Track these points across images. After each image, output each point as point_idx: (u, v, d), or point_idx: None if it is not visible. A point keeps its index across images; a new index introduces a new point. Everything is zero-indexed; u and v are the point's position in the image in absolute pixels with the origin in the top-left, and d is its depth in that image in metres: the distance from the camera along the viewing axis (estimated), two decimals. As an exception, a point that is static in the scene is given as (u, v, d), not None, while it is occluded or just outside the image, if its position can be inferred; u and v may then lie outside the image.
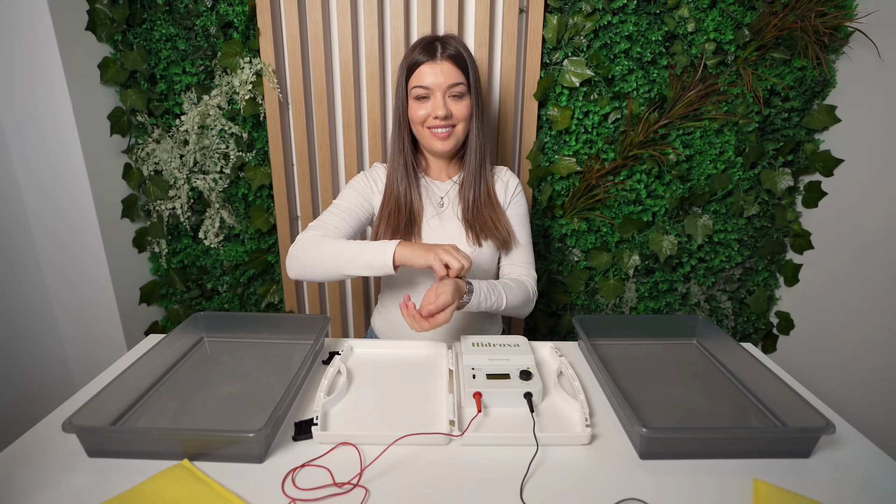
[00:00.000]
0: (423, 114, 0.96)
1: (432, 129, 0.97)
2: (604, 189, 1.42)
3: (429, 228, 1.02)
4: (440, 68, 0.93)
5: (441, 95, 0.94)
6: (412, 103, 0.97)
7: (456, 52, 0.94)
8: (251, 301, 1.60)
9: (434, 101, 0.95)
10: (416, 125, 0.98)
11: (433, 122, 0.96)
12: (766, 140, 1.40)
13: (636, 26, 1.29)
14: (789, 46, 1.31)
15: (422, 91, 0.95)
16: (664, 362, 0.91)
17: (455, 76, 0.94)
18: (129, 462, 0.65)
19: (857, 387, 1.30)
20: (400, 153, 1.01)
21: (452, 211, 1.05)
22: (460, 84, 0.95)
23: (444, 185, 1.07)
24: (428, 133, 0.98)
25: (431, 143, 0.98)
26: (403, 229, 0.99)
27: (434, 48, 0.94)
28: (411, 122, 0.99)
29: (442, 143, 0.98)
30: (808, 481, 0.63)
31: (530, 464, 0.65)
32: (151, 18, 1.33)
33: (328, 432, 0.68)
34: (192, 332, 0.95)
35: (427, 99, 0.95)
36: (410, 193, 1.01)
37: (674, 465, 0.65)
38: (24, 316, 1.36)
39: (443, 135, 0.97)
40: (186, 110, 1.39)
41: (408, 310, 0.80)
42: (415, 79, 0.95)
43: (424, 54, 0.94)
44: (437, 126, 0.96)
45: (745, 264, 1.53)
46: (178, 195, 1.45)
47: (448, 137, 0.98)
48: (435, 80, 0.93)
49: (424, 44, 0.95)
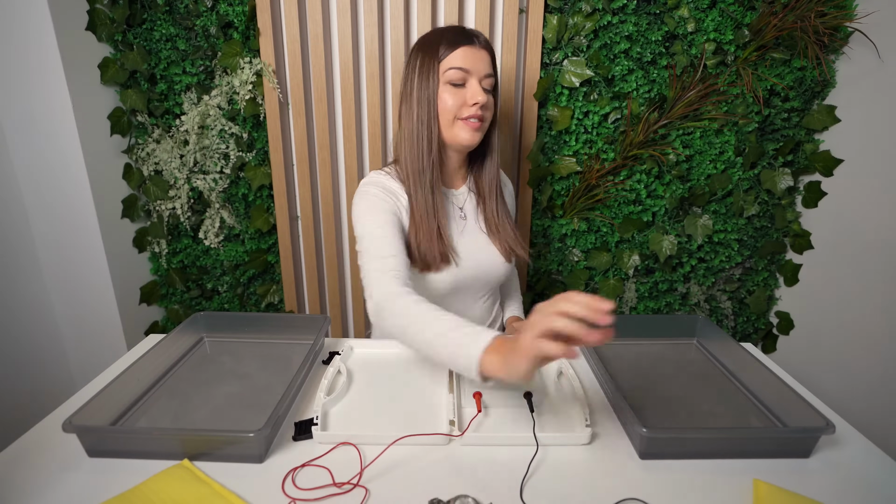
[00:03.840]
0: (457, 102, 0.87)
1: (466, 118, 0.87)
2: (604, 189, 1.42)
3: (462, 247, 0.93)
4: (480, 55, 0.87)
5: (477, 82, 0.86)
6: (444, 90, 0.87)
7: (488, 44, 0.89)
8: (251, 301, 1.60)
9: (471, 88, 0.86)
10: (446, 115, 0.88)
11: (468, 111, 0.87)
12: (765, 140, 1.40)
13: (636, 26, 1.29)
14: (789, 46, 1.31)
15: (459, 75, 0.85)
16: (664, 362, 0.91)
17: (490, 67, 0.88)
18: (129, 462, 0.65)
19: (857, 387, 1.30)
20: (429, 151, 0.89)
21: (475, 224, 0.97)
22: (493, 76, 0.89)
23: (459, 194, 0.99)
24: (459, 123, 0.88)
25: (460, 134, 0.88)
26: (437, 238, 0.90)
27: (469, 34, 0.87)
28: (439, 112, 0.88)
29: (472, 135, 0.88)
30: (808, 481, 0.63)
31: (530, 464, 0.65)
32: (151, 18, 1.33)
33: (328, 432, 0.68)
34: (192, 332, 0.95)
35: (461, 86, 0.87)
36: (436, 199, 0.90)
37: (674, 465, 0.65)
38: (24, 316, 1.36)
39: (476, 125, 0.88)
40: (186, 110, 1.39)
41: None
42: (451, 60, 0.85)
43: (460, 38, 0.86)
44: (472, 116, 0.87)
45: (745, 264, 1.53)
46: (178, 195, 1.45)
47: (479, 129, 0.89)
48: (474, 64, 0.86)
49: (457, 30, 0.88)
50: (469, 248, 0.95)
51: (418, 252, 0.90)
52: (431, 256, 0.90)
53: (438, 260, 0.90)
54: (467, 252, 0.94)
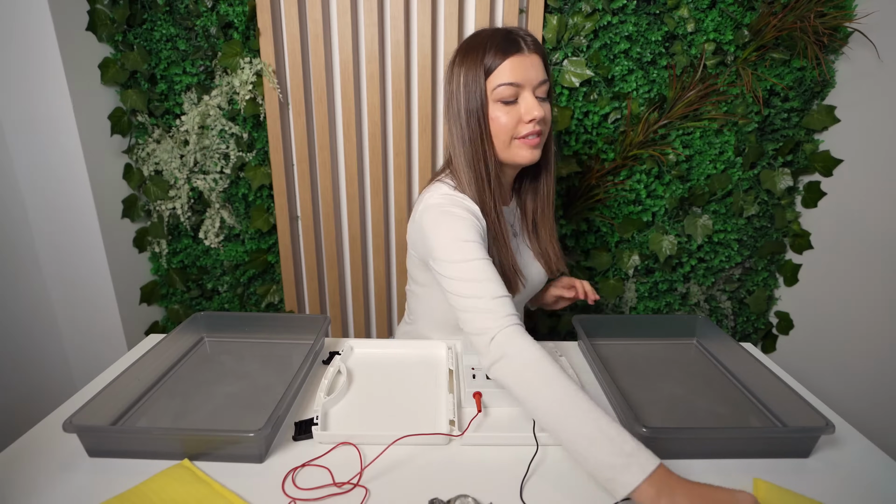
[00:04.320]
0: (511, 121, 0.78)
1: (523, 137, 0.79)
2: (604, 189, 1.42)
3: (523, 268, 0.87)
4: (530, 61, 0.77)
5: (531, 94, 0.78)
6: (495, 109, 0.78)
7: (538, 44, 0.79)
8: (251, 301, 1.60)
9: (525, 103, 0.78)
10: (502, 136, 0.80)
11: (526, 129, 0.78)
12: (765, 140, 1.40)
13: (636, 26, 1.29)
14: (789, 47, 1.31)
15: (510, 91, 0.77)
16: (664, 362, 0.91)
17: (542, 72, 0.79)
18: (129, 462, 0.65)
19: (856, 387, 1.30)
20: (486, 173, 0.81)
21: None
22: (547, 82, 0.80)
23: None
24: (517, 143, 0.80)
25: (519, 153, 0.80)
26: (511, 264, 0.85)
27: (517, 39, 0.77)
28: (493, 134, 0.80)
29: (532, 152, 0.80)
30: (808, 481, 0.63)
31: (530, 463, 0.65)
32: (152, 19, 1.33)
33: (328, 432, 0.68)
34: (192, 332, 0.95)
35: (513, 103, 0.78)
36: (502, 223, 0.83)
37: (674, 465, 0.65)
38: (24, 316, 1.36)
39: (534, 141, 0.80)
40: (187, 110, 1.39)
41: None
42: (499, 76, 0.77)
43: (508, 47, 0.77)
44: (531, 133, 0.79)
45: (745, 264, 1.53)
46: (178, 195, 1.45)
47: (538, 145, 0.81)
48: (525, 76, 0.77)
49: (502, 36, 0.78)
50: (529, 269, 0.91)
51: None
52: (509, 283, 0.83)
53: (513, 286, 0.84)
54: (528, 272, 0.90)
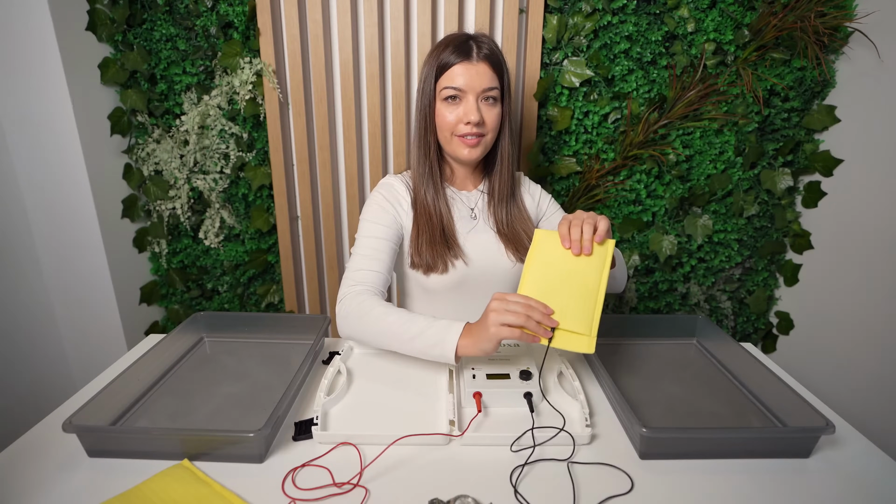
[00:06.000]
0: (452, 119, 0.88)
1: (462, 136, 0.89)
2: (604, 189, 1.42)
3: (470, 245, 0.96)
4: (476, 70, 0.86)
5: (474, 99, 0.87)
6: (441, 106, 0.89)
7: (491, 53, 0.88)
8: (251, 301, 1.60)
9: (466, 105, 0.87)
10: (444, 131, 0.90)
11: (463, 129, 0.88)
12: (765, 140, 1.40)
13: (636, 26, 1.29)
14: (789, 47, 1.31)
15: (453, 93, 0.87)
16: (664, 362, 0.91)
17: (490, 80, 0.87)
18: (129, 462, 0.65)
19: (857, 387, 1.30)
20: (426, 159, 0.93)
21: (485, 224, 0.99)
22: (495, 89, 0.88)
23: (472, 196, 1.00)
24: (456, 140, 0.90)
25: (458, 150, 0.91)
26: (440, 241, 0.93)
27: (469, 47, 0.86)
28: (438, 127, 0.91)
29: (469, 151, 0.90)
30: (808, 481, 0.63)
31: (526, 462, 0.65)
32: (152, 19, 1.33)
33: (328, 432, 0.68)
34: (192, 332, 0.95)
35: (458, 102, 0.88)
36: (438, 203, 0.94)
37: (674, 465, 0.65)
38: (24, 316, 1.36)
39: (472, 142, 0.89)
40: (186, 110, 1.39)
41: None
42: (446, 79, 0.87)
43: (458, 53, 0.86)
44: (467, 133, 0.89)
45: (745, 264, 1.53)
46: (178, 195, 1.45)
47: (477, 145, 0.90)
48: (469, 82, 0.86)
49: (458, 42, 0.87)
50: (477, 247, 0.96)
51: (419, 256, 0.93)
52: (432, 259, 0.92)
53: (440, 262, 0.93)
54: (475, 250, 0.96)
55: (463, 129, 0.88)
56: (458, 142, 0.90)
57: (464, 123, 0.88)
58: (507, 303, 0.70)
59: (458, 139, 0.90)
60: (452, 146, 0.91)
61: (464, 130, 0.89)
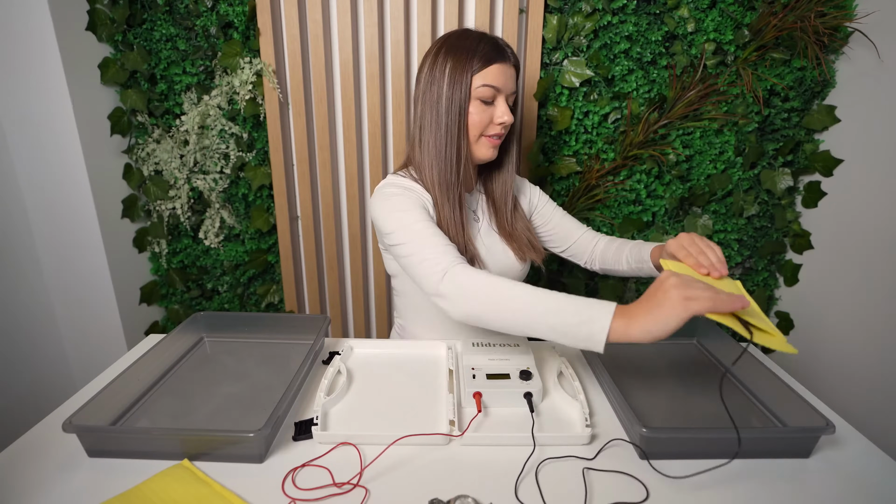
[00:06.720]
0: (485, 118, 0.87)
1: (490, 136, 0.89)
2: (604, 189, 1.42)
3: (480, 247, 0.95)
4: (509, 72, 0.87)
5: (504, 100, 0.87)
6: (475, 105, 0.86)
7: (516, 59, 0.89)
8: (251, 301, 1.60)
9: (499, 106, 0.87)
10: (475, 130, 0.88)
11: (493, 130, 0.88)
12: (765, 140, 1.40)
13: (636, 26, 1.29)
14: (789, 47, 1.31)
15: (490, 93, 0.85)
16: (664, 362, 0.91)
17: (515, 84, 0.90)
18: (129, 462, 0.65)
19: (857, 387, 1.30)
20: (456, 166, 0.88)
21: (489, 225, 0.99)
22: (515, 93, 0.91)
23: (472, 196, 1.00)
24: (484, 140, 0.89)
25: (484, 150, 0.90)
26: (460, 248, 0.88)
27: (503, 49, 0.86)
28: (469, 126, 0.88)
29: (493, 152, 0.90)
30: (808, 481, 0.63)
31: (526, 463, 0.65)
32: (152, 19, 1.33)
33: (328, 432, 0.68)
34: (192, 332, 0.95)
35: (490, 103, 0.87)
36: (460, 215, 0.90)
37: (674, 465, 0.65)
38: (24, 316, 1.36)
39: (497, 142, 0.90)
40: (186, 110, 1.39)
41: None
42: (484, 77, 0.84)
43: (496, 53, 0.85)
44: (495, 134, 0.88)
45: (745, 264, 1.53)
46: (178, 195, 1.45)
47: (497, 145, 0.91)
48: (505, 83, 0.86)
49: (492, 43, 0.86)
50: (487, 250, 0.96)
51: None
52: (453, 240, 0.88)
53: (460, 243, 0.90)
54: (486, 253, 0.96)
55: (493, 129, 0.88)
56: (486, 141, 0.89)
57: (496, 124, 0.87)
58: (687, 279, 0.63)
59: (486, 139, 0.89)
60: (477, 146, 0.89)
61: (495, 130, 0.88)
